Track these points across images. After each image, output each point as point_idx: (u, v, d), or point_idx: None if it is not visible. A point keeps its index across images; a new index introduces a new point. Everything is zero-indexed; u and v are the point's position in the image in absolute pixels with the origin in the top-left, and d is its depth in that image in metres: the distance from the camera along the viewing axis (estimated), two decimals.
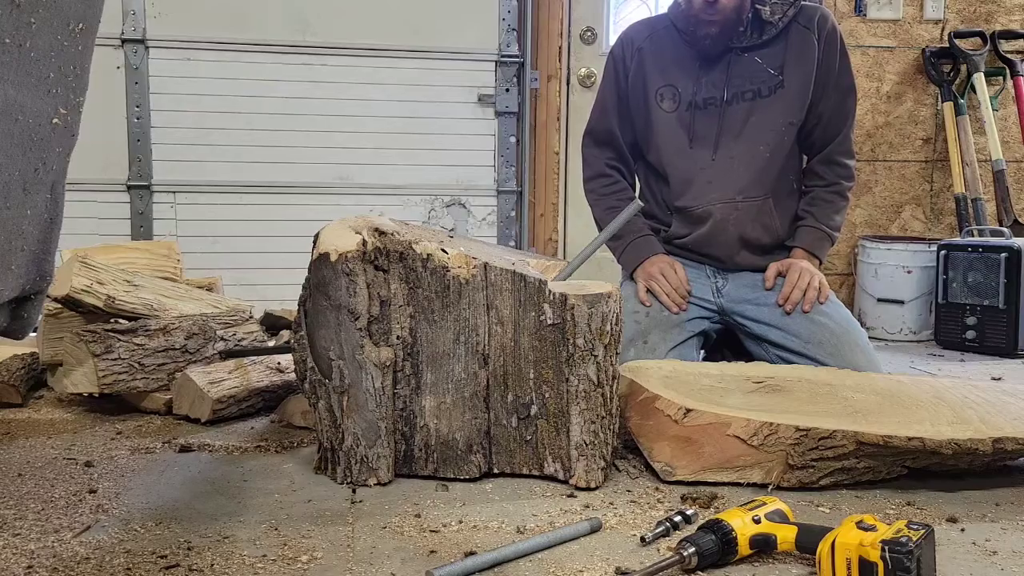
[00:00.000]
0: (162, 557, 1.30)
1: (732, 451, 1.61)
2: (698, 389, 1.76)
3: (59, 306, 2.16)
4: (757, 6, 2.18)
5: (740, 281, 2.26)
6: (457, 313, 1.60)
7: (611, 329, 1.60)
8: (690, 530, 1.36)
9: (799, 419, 1.61)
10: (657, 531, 1.39)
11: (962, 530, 1.46)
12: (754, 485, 1.62)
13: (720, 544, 1.27)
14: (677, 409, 1.65)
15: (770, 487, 1.60)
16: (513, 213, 3.57)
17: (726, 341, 2.36)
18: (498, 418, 1.64)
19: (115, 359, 2.04)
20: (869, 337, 2.23)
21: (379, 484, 1.62)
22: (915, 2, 3.77)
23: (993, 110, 3.70)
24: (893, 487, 1.64)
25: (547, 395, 1.62)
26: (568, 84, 3.66)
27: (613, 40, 3.67)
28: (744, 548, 1.29)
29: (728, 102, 2.20)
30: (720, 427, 1.62)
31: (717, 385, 1.81)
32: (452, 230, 3.48)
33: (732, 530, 1.28)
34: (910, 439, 1.56)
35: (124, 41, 3.24)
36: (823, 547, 1.20)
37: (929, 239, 3.61)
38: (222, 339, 2.26)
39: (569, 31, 3.65)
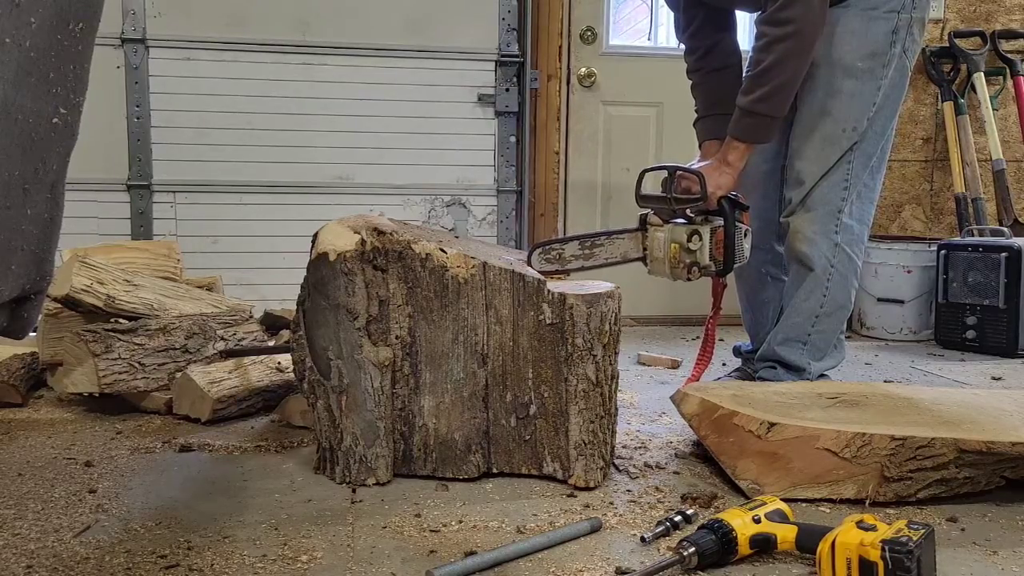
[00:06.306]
0: (162, 557, 1.30)
1: (823, 465, 1.54)
2: (774, 405, 1.69)
3: (59, 306, 2.16)
4: None
5: None
6: (456, 313, 1.60)
7: (610, 328, 1.60)
8: (690, 530, 1.36)
9: (893, 428, 1.54)
10: (657, 531, 1.39)
11: (962, 530, 1.46)
12: (848, 501, 1.55)
13: (720, 544, 1.27)
14: (759, 424, 1.57)
15: (867, 501, 1.54)
16: (513, 213, 3.57)
17: None
18: (497, 418, 1.64)
19: (115, 359, 2.04)
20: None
21: (378, 484, 1.62)
22: None
23: (993, 110, 3.70)
24: None
25: (546, 395, 1.62)
26: (568, 84, 3.65)
27: (612, 40, 3.69)
28: (744, 548, 1.29)
29: None
30: (808, 440, 1.54)
31: (790, 401, 1.73)
32: (452, 230, 3.47)
33: (732, 530, 1.28)
34: (1014, 444, 1.51)
35: (124, 41, 3.23)
36: (823, 547, 1.20)
37: (929, 239, 3.61)
38: (222, 339, 2.26)
39: (569, 31, 3.65)
